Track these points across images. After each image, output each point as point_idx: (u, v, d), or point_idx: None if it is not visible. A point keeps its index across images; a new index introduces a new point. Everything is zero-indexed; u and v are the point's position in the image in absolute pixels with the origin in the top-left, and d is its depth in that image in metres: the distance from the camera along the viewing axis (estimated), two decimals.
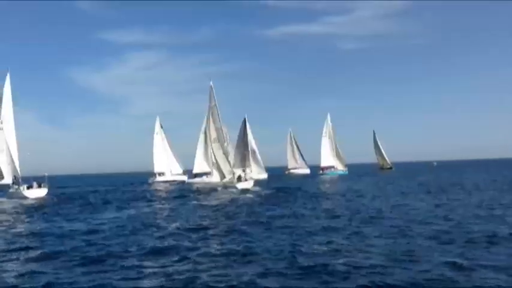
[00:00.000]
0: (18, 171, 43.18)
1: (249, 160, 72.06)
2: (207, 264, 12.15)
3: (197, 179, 64.66)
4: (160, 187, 58.64)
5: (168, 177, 71.01)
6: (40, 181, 43.33)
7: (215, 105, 48.57)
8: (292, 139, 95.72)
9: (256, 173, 71.57)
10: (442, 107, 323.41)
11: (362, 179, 64.45)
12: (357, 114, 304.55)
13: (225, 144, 49.68)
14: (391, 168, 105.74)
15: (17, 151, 43.78)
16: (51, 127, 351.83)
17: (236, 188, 44.39)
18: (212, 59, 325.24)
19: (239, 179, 46.78)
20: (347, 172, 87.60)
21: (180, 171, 72.86)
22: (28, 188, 42.09)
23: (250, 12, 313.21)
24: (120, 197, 42.82)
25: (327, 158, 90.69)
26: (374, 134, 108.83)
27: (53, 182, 47.70)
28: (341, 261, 11.80)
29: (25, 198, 40.64)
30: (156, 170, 72.32)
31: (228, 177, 48.43)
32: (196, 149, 66.60)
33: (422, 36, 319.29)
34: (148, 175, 73.79)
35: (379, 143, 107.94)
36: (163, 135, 73.46)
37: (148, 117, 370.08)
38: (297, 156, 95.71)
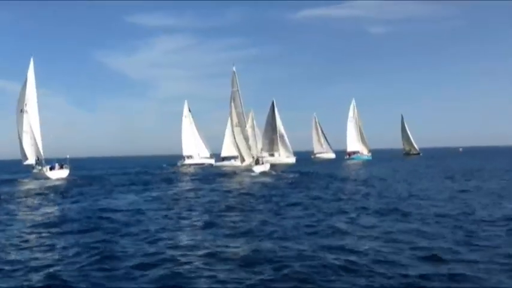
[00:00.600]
0: (41, 152, 44.64)
1: (277, 144, 72.88)
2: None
3: (225, 162, 65.71)
4: (188, 170, 59.84)
5: (196, 160, 72.04)
6: (62, 163, 44.88)
7: (237, 90, 49.14)
8: (317, 124, 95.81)
9: (284, 156, 72.30)
10: (469, 92, 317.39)
11: (393, 164, 64.35)
12: (383, 100, 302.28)
13: (246, 128, 50.32)
14: (418, 153, 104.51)
15: (40, 133, 45.24)
16: (81, 110, 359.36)
17: (254, 171, 45.88)
18: (238, 43, 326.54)
19: (257, 162, 48.69)
20: (371, 157, 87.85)
21: (208, 154, 73.84)
22: (51, 169, 43.76)
23: None
24: (150, 179, 43.92)
25: (353, 143, 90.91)
26: (402, 118, 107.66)
27: (80, 164, 49.51)
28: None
29: (47, 178, 42.19)
30: (185, 153, 73.42)
31: (248, 160, 49.79)
32: (224, 132, 67.64)
33: (454, 19, 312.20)
34: (177, 158, 75.03)
35: (406, 128, 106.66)
36: (192, 118, 74.44)
37: (176, 101, 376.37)
38: (322, 140, 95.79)
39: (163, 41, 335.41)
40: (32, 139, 44.88)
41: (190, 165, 69.84)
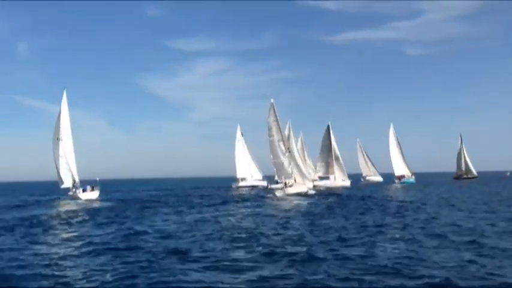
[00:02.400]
0: (76, 177, 48.99)
1: (332, 167, 72.98)
2: None
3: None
4: (244, 191, 60.84)
5: (249, 182, 73.19)
6: (93, 185, 49.03)
7: (276, 120, 51.46)
8: (362, 148, 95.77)
9: (340, 180, 72.32)
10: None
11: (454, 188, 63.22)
12: (420, 120, 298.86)
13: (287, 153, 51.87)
14: (475, 177, 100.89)
15: (75, 159, 49.72)
16: (119, 131, 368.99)
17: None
18: (274, 65, 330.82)
19: (285, 185, 49.95)
20: (414, 181, 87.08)
21: (260, 176, 74.78)
22: (83, 191, 48.17)
23: (313, 17, 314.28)
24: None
25: (399, 166, 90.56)
26: (461, 138, 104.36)
27: (117, 186, 51.47)
28: None
29: (80, 199, 46.72)
30: (239, 175, 74.82)
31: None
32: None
33: (494, 39, 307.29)
34: (218, 180, 76.21)
35: (464, 150, 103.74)
36: (244, 142, 76.06)
37: (212, 123, 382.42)
38: (369, 164, 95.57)
39: (200, 65, 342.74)
40: (67, 164, 49.11)
41: (244, 187, 70.85)
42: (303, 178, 51.49)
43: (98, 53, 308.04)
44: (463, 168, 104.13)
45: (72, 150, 49.54)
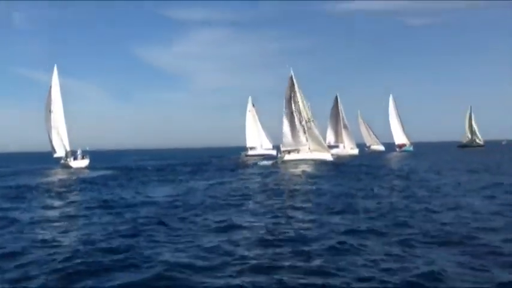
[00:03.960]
0: (67, 146, 52.46)
1: (341, 135, 76.07)
2: None
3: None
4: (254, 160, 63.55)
5: (259, 151, 75.61)
6: (83, 154, 52.41)
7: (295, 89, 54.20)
8: (363, 119, 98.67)
9: (349, 148, 75.47)
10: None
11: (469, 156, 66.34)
12: (421, 92, 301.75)
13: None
14: (481, 146, 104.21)
15: (66, 130, 52.98)
16: (117, 101, 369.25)
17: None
18: (273, 35, 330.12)
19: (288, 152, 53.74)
20: (413, 149, 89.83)
21: (270, 146, 76.79)
22: (74, 159, 51.75)
23: None
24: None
25: (399, 136, 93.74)
26: (470, 109, 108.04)
27: (114, 156, 54.18)
28: None
29: (70, 167, 50.09)
30: (248, 144, 77.52)
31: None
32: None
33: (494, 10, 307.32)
34: (224, 150, 78.94)
35: (473, 119, 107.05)
36: (255, 112, 78.56)
37: (211, 93, 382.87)
38: (371, 134, 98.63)
39: (198, 34, 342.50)
40: (58, 135, 52.45)
41: (253, 155, 73.19)
42: (321, 147, 53.68)
43: (94, 23, 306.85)
44: (469, 137, 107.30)
45: (63, 122, 52.89)
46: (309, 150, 53.00)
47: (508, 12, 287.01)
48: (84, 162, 51.57)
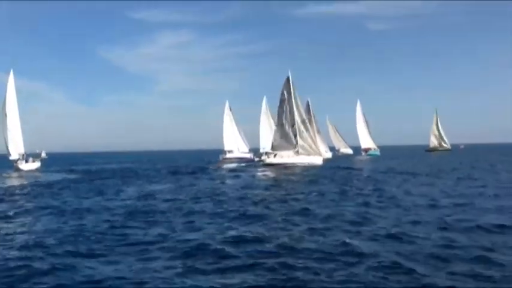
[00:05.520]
0: (21, 149, 54.07)
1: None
2: None
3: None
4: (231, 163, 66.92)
5: (236, 154, 78.87)
6: (35, 157, 54.87)
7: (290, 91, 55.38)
8: (332, 124, 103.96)
9: (323, 151, 79.70)
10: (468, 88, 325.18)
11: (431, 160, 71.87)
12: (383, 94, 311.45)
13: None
14: (448, 149, 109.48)
15: (21, 133, 54.39)
16: (81, 104, 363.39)
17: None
18: (240, 38, 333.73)
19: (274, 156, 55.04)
20: (379, 153, 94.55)
21: (247, 149, 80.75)
22: (26, 162, 54.00)
23: None
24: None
25: (365, 140, 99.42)
26: (436, 112, 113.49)
27: (74, 159, 55.61)
28: None
29: (21, 170, 51.82)
30: (226, 148, 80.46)
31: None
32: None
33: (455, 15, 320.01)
34: (186, 153, 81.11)
35: (438, 123, 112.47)
36: (232, 116, 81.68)
37: (178, 95, 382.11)
38: (340, 138, 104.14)
39: (164, 37, 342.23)
40: (13, 138, 53.69)
41: (230, 159, 76.49)
42: (311, 150, 54.42)
43: (59, 24, 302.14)
44: (436, 141, 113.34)
45: (18, 125, 54.32)
46: (297, 153, 54.02)
47: (470, 17, 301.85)
48: (34, 165, 53.82)
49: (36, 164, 54.22)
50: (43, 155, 57.92)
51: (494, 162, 56.28)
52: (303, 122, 55.66)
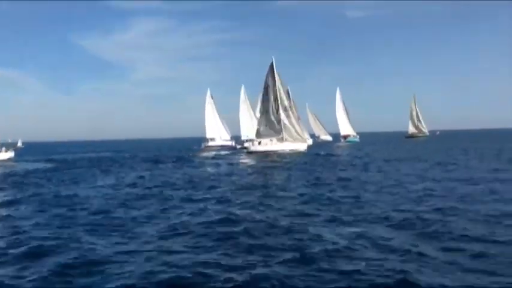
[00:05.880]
0: None
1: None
2: None
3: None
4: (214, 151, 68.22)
5: (218, 142, 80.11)
6: (7, 147, 53.46)
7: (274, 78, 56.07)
8: (311, 112, 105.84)
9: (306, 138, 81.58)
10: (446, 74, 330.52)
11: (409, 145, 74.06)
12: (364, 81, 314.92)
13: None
14: (426, 135, 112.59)
15: None
16: (55, 92, 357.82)
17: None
18: (218, 26, 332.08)
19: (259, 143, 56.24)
20: (359, 139, 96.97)
21: (228, 137, 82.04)
22: None
23: None
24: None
25: (344, 127, 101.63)
26: (414, 98, 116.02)
27: (52, 148, 55.22)
28: None
29: None
30: (208, 136, 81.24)
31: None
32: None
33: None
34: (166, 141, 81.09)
35: (417, 109, 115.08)
36: (213, 104, 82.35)
37: (154, 83, 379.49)
38: (319, 125, 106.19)
39: (140, 23, 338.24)
40: None
41: (213, 146, 77.60)
42: (297, 136, 55.39)
43: (32, 10, 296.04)
44: (415, 128, 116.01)
45: None
46: (281, 140, 54.56)
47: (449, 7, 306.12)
48: (6, 155, 53.06)
49: (9, 154, 53.24)
50: (19, 144, 56.84)
51: (467, 148, 58.32)
52: (287, 108, 56.07)
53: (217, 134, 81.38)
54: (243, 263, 9.19)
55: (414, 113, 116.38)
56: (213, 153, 61.15)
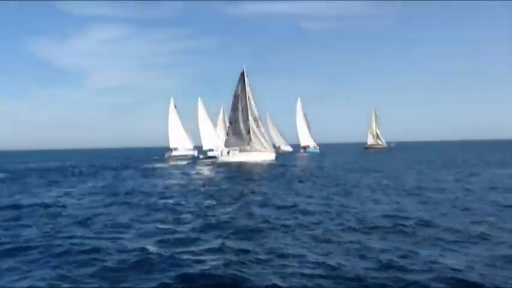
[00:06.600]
0: None
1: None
2: None
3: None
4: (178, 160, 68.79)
5: (181, 151, 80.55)
6: None
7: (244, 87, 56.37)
8: (272, 122, 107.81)
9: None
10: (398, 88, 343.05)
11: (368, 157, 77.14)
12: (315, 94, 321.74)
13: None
14: (384, 147, 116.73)
15: None
16: (7, 99, 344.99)
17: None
18: (176, 35, 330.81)
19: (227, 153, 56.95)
20: (319, 151, 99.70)
21: (191, 146, 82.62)
22: None
23: None
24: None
25: (304, 138, 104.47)
26: (375, 110, 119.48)
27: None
28: None
29: None
30: (171, 145, 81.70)
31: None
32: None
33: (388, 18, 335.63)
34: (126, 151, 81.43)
35: (376, 121, 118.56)
36: (177, 113, 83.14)
37: (112, 91, 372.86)
38: (280, 136, 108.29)
39: (97, 31, 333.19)
40: None
41: (176, 156, 78.04)
42: (264, 147, 55.75)
43: None
44: (373, 140, 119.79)
45: None
46: (249, 150, 54.97)
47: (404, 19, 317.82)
48: None
49: None
50: None
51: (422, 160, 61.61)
52: (256, 119, 56.49)
53: (180, 143, 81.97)
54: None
55: (373, 125, 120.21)
56: (178, 162, 61.43)
